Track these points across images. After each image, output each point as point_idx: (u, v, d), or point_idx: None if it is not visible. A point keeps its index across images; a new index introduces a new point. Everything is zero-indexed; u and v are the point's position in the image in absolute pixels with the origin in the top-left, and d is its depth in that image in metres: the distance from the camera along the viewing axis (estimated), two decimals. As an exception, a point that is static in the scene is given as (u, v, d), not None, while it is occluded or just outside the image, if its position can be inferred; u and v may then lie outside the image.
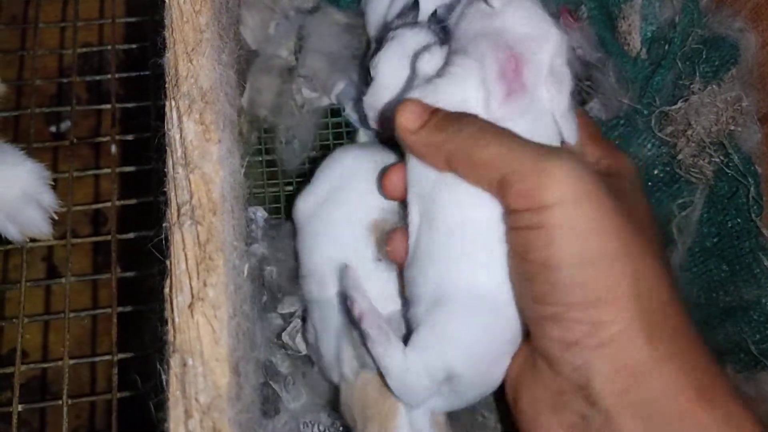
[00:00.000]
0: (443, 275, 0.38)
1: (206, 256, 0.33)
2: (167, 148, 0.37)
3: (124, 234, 0.55)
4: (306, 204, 0.47)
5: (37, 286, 0.68)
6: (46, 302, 0.69)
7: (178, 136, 0.36)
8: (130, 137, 0.58)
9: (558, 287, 0.34)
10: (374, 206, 0.45)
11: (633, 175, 0.42)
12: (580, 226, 0.33)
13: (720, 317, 0.51)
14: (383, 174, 0.43)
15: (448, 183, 0.38)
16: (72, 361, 0.51)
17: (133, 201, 0.56)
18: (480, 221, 0.38)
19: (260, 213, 0.54)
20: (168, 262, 0.34)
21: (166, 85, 0.38)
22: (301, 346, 0.48)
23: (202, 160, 0.35)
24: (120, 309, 0.52)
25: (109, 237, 0.55)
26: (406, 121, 0.39)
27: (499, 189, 0.36)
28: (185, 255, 0.34)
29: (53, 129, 0.78)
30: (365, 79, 0.49)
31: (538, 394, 0.37)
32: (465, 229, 0.38)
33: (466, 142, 0.37)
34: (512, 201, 0.35)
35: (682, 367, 0.33)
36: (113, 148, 0.56)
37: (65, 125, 0.77)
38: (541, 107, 0.40)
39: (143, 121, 0.63)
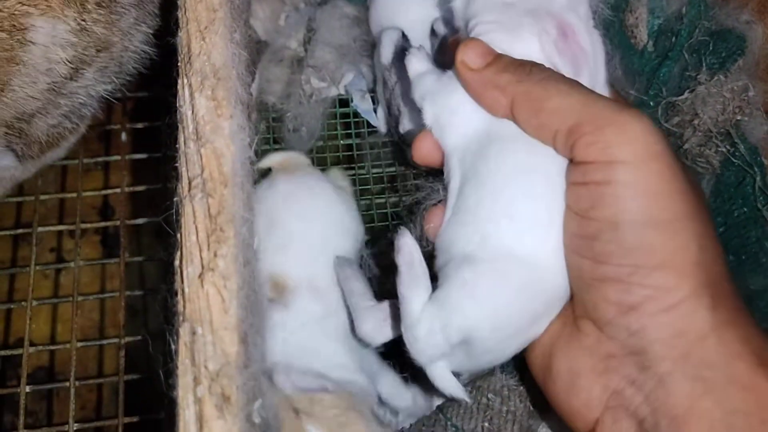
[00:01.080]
0: (481, 234, 0.37)
1: (217, 228, 0.34)
2: (179, 124, 0.37)
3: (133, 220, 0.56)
4: None
5: (46, 274, 0.68)
6: (54, 292, 0.70)
7: (189, 113, 0.36)
8: (140, 125, 0.59)
9: (623, 247, 0.33)
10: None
11: None
12: (651, 186, 0.33)
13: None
14: (412, 143, 0.42)
15: (500, 139, 0.37)
16: (79, 344, 0.51)
17: (142, 188, 0.57)
18: (530, 183, 0.37)
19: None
20: (178, 235, 0.35)
21: (179, 64, 0.38)
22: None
23: (214, 135, 0.35)
24: (128, 293, 0.53)
25: (117, 222, 0.55)
26: (469, 58, 0.37)
27: (567, 138, 0.35)
28: (196, 227, 0.34)
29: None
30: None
31: (579, 359, 0.36)
32: (513, 190, 0.37)
33: (535, 87, 0.36)
34: (582, 152, 0.34)
35: (741, 334, 0.33)
36: (123, 136, 0.57)
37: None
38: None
39: (154, 111, 0.64)
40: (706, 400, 0.32)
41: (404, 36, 0.52)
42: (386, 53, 0.51)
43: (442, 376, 0.39)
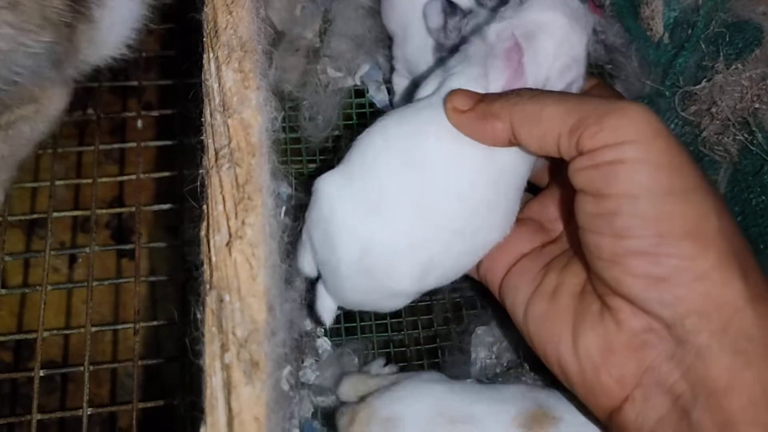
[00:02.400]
0: None
1: (245, 196, 0.33)
2: (204, 98, 0.37)
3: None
4: None
5: (57, 268, 0.68)
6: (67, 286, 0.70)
7: (216, 86, 0.37)
8: (155, 113, 0.59)
9: (645, 218, 0.33)
10: None
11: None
12: (661, 160, 0.33)
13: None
14: None
15: None
16: (94, 328, 0.51)
17: (157, 174, 0.56)
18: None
19: (284, 188, 0.55)
20: (204, 206, 0.35)
21: (204, 39, 0.38)
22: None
23: (241, 106, 0.35)
24: (143, 278, 0.53)
25: (133, 209, 0.55)
26: (459, 103, 0.39)
27: (571, 136, 0.35)
28: (223, 197, 0.34)
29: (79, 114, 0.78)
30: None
31: (611, 335, 0.35)
32: None
33: (530, 102, 0.37)
34: (587, 141, 0.34)
35: None
36: (139, 123, 0.57)
37: (91, 111, 0.77)
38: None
39: (170, 100, 0.64)
40: (747, 373, 0.31)
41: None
42: (435, 17, 0.51)
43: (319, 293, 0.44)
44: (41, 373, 0.49)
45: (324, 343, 0.52)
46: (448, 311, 0.55)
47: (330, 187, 0.41)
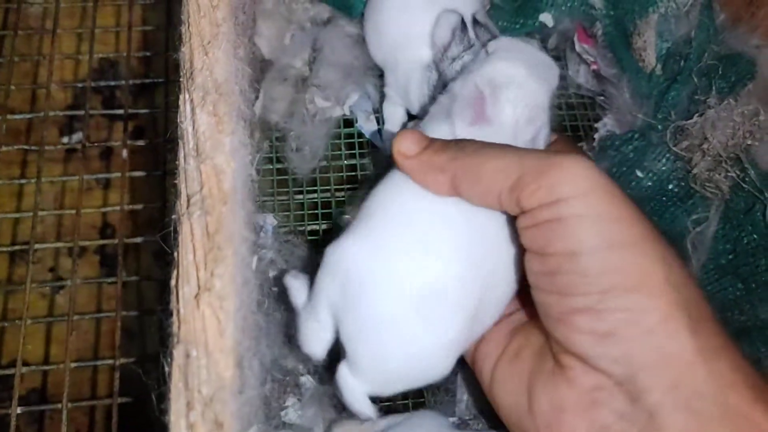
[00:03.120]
0: None
1: (215, 246, 0.33)
2: (179, 140, 0.36)
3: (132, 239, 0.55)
4: None
5: (43, 294, 0.67)
6: (50, 312, 0.69)
7: (190, 128, 0.36)
8: (141, 143, 0.58)
9: (588, 275, 0.32)
10: None
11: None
12: (602, 214, 0.33)
13: (735, 336, 0.49)
14: None
15: None
16: (73, 365, 0.50)
17: (141, 206, 0.56)
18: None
19: (270, 220, 0.54)
20: (175, 253, 0.34)
21: (181, 79, 0.38)
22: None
23: (215, 151, 0.34)
24: (124, 313, 0.52)
25: (116, 241, 0.54)
26: (405, 147, 0.38)
27: (511, 194, 0.35)
28: (193, 246, 0.33)
29: (65, 140, 0.78)
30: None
31: (563, 393, 0.34)
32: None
33: (471, 158, 0.36)
34: (527, 200, 0.34)
35: (730, 363, 0.32)
36: (124, 153, 0.56)
37: (77, 137, 0.77)
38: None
39: (156, 130, 0.63)
40: None
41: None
42: (444, 32, 0.50)
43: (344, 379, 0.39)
44: (18, 410, 0.48)
45: (307, 381, 0.51)
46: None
47: (352, 249, 0.38)
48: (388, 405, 0.51)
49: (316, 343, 0.40)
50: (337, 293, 0.38)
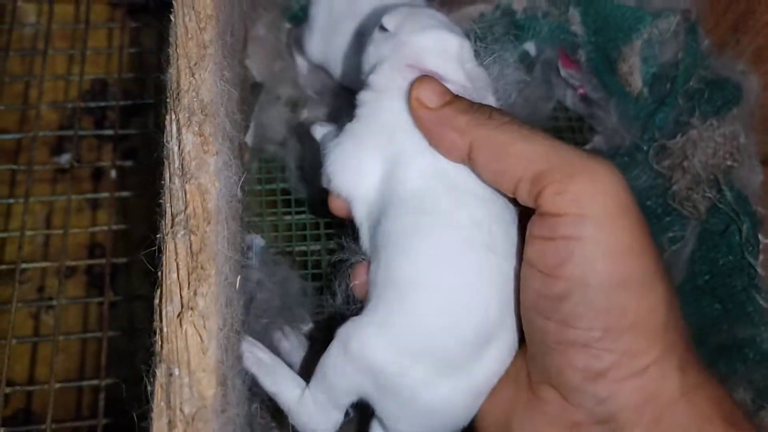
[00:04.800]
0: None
1: (198, 266, 0.33)
2: (165, 160, 0.37)
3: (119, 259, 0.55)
4: None
5: (31, 313, 0.67)
6: (36, 333, 0.68)
7: (176, 148, 0.36)
8: (129, 163, 0.58)
9: (594, 309, 0.31)
10: None
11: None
12: (623, 243, 0.31)
13: (713, 356, 0.50)
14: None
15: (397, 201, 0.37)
16: (58, 385, 0.50)
17: (129, 226, 0.56)
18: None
19: (258, 240, 0.54)
20: (159, 273, 0.34)
21: (167, 100, 0.38)
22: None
23: (199, 171, 0.35)
24: (111, 333, 0.52)
25: (103, 261, 0.54)
26: (426, 96, 0.35)
27: (533, 186, 0.32)
28: (177, 265, 0.33)
29: (55, 160, 0.78)
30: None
31: (540, 428, 0.33)
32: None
33: (497, 131, 0.33)
34: (549, 202, 0.32)
35: (709, 397, 0.32)
36: (113, 173, 0.56)
37: (66, 158, 0.77)
38: None
39: (148, 151, 0.63)
40: None
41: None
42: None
43: None
44: (1, 431, 0.48)
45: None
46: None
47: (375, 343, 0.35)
48: None
49: (327, 424, 0.38)
50: (367, 382, 0.36)
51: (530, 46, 0.60)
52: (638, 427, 0.31)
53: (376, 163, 0.38)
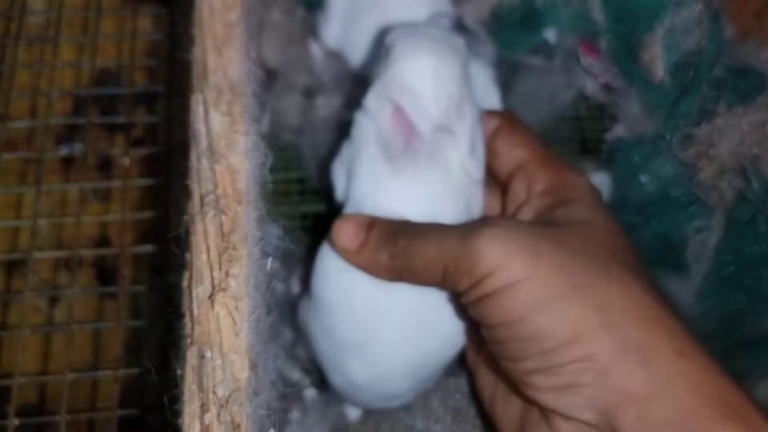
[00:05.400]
0: None
1: (230, 246, 0.32)
2: (191, 141, 0.36)
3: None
4: None
5: (39, 308, 0.66)
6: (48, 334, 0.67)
7: (203, 129, 0.35)
8: (142, 151, 0.57)
9: (528, 339, 0.33)
10: None
11: (589, 197, 0.41)
12: (523, 279, 0.33)
13: (737, 349, 0.49)
14: None
15: None
16: (72, 375, 0.49)
17: (143, 215, 0.55)
18: None
19: (274, 229, 0.53)
20: (187, 255, 0.33)
21: (192, 80, 0.37)
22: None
23: (229, 151, 0.34)
24: (125, 323, 0.51)
25: (116, 249, 0.54)
26: (345, 242, 0.39)
27: (444, 282, 0.36)
28: (207, 246, 0.32)
29: (65, 151, 0.77)
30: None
31: None
32: None
33: (405, 256, 0.37)
34: (457, 285, 0.35)
35: (692, 387, 0.31)
36: (126, 161, 0.55)
37: (78, 147, 0.76)
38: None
39: (156, 142, 0.63)
40: None
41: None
42: None
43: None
44: (16, 421, 0.47)
45: (312, 394, 0.50)
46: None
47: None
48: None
49: None
50: None
51: (550, 34, 0.59)
52: (629, 427, 0.31)
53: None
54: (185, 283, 0.33)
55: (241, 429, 0.28)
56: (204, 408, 0.29)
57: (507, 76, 0.60)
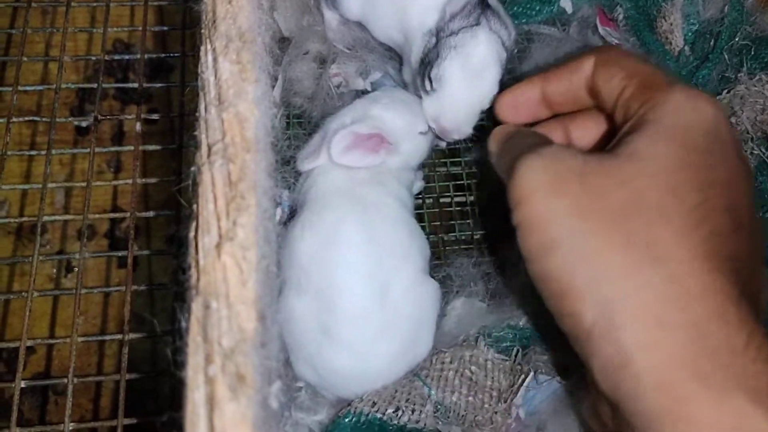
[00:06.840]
0: None
1: (237, 195, 0.31)
2: (200, 92, 0.35)
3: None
4: None
5: (50, 276, 0.66)
6: (54, 300, 0.67)
7: (212, 78, 0.34)
8: (155, 116, 0.56)
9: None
10: None
11: (670, 123, 0.35)
12: (541, 215, 0.34)
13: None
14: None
15: None
16: (80, 339, 0.48)
17: (154, 180, 0.54)
18: None
19: (285, 195, 0.52)
20: (195, 206, 0.32)
21: (202, 30, 0.36)
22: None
23: (237, 99, 0.33)
24: (134, 287, 0.50)
25: (128, 214, 0.53)
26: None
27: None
28: (214, 195, 0.31)
29: (77, 123, 0.76)
30: (421, 86, 0.49)
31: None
32: None
33: (503, 152, 0.41)
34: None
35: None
36: (138, 126, 0.54)
37: (89, 121, 0.76)
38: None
39: (170, 110, 0.62)
40: None
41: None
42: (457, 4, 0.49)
43: None
44: (22, 384, 0.46)
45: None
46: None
47: None
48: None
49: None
50: None
51: (567, 3, 0.58)
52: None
53: None
54: (191, 233, 0.32)
55: (246, 380, 0.27)
56: (208, 360, 0.28)
57: (523, 44, 0.58)
